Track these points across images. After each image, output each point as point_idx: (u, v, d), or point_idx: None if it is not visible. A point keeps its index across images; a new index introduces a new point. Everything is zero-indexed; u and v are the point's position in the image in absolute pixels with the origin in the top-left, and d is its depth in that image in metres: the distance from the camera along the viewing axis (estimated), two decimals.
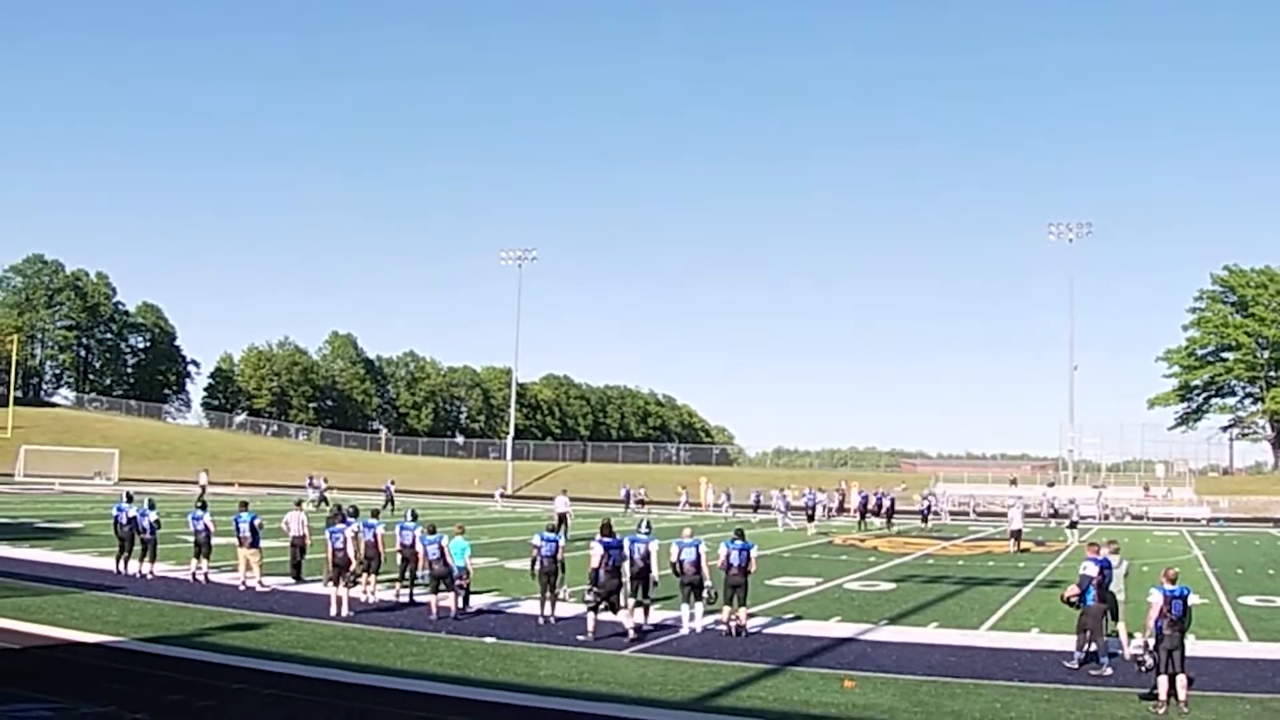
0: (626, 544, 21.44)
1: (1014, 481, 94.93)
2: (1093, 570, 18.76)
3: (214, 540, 27.77)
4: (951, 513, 76.97)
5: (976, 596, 28.72)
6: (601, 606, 20.88)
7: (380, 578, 25.36)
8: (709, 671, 17.71)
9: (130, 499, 29.62)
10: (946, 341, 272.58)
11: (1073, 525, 55.31)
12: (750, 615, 22.02)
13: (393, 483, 71.47)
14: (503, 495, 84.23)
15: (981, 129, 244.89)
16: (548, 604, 22.68)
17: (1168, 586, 15.71)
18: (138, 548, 28.22)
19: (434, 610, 22.94)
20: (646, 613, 21.66)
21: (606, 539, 21.02)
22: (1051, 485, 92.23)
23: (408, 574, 25.20)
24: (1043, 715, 14.89)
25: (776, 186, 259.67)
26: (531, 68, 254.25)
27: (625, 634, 20.62)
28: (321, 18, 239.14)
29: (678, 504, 78.70)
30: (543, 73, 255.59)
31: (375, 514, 26.94)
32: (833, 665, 18.40)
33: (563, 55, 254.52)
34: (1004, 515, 53.23)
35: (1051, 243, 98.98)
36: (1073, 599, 19.09)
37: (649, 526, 22.25)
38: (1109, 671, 18.01)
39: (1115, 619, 19.37)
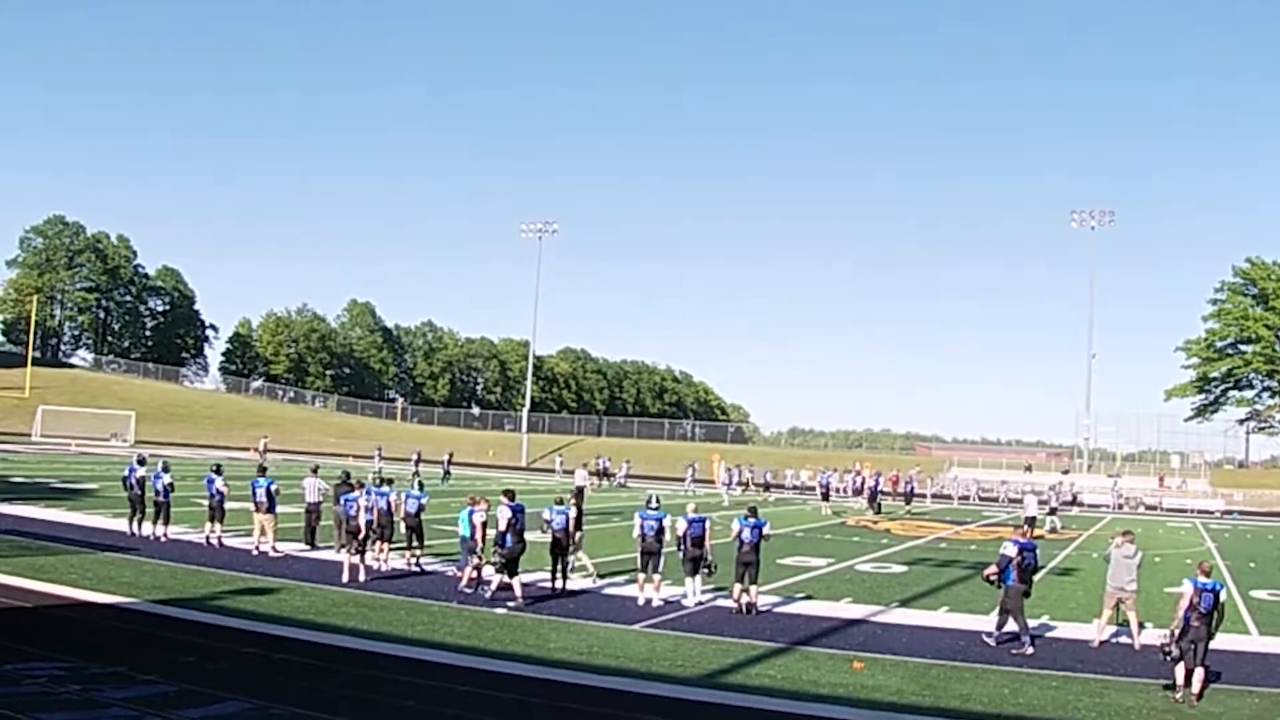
0: (636, 519, 21.75)
1: (1029, 468, 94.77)
2: (1012, 551, 19.37)
3: (228, 505, 27.87)
4: (962, 498, 77.18)
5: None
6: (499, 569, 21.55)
7: (392, 546, 25.44)
8: (718, 648, 17.76)
9: (142, 461, 29.66)
10: (965, 326, 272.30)
11: (1052, 511, 55.31)
12: (761, 593, 22.04)
13: (420, 454, 71.88)
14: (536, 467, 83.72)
15: (1004, 116, 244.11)
16: (558, 577, 22.83)
17: (1201, 579, 15.73)
18: (150, 510, 28.32)
19: (464, 579, 23.01)
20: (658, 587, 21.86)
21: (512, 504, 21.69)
22: (1065, 473, 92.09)
23: (414, 542, 25.35)
24: (1051, 702, 14.92)
25: (797, 167, 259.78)
26: (554, 36, 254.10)
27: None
28: None
29: (683, 480, 78.09)
30: (565, 41, 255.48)
31: (388, 481, 26.90)
32: (842, 646, 18.44)
33: (584, 24, 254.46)
34: (1018, 502, 53.18)
35: (1073, 230, 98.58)
36: (991, 578, 19.52)
37: (658, 502, 22.36)
38: (1030, 651, 18.34)
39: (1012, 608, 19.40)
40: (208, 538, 27.29)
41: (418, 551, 25.30)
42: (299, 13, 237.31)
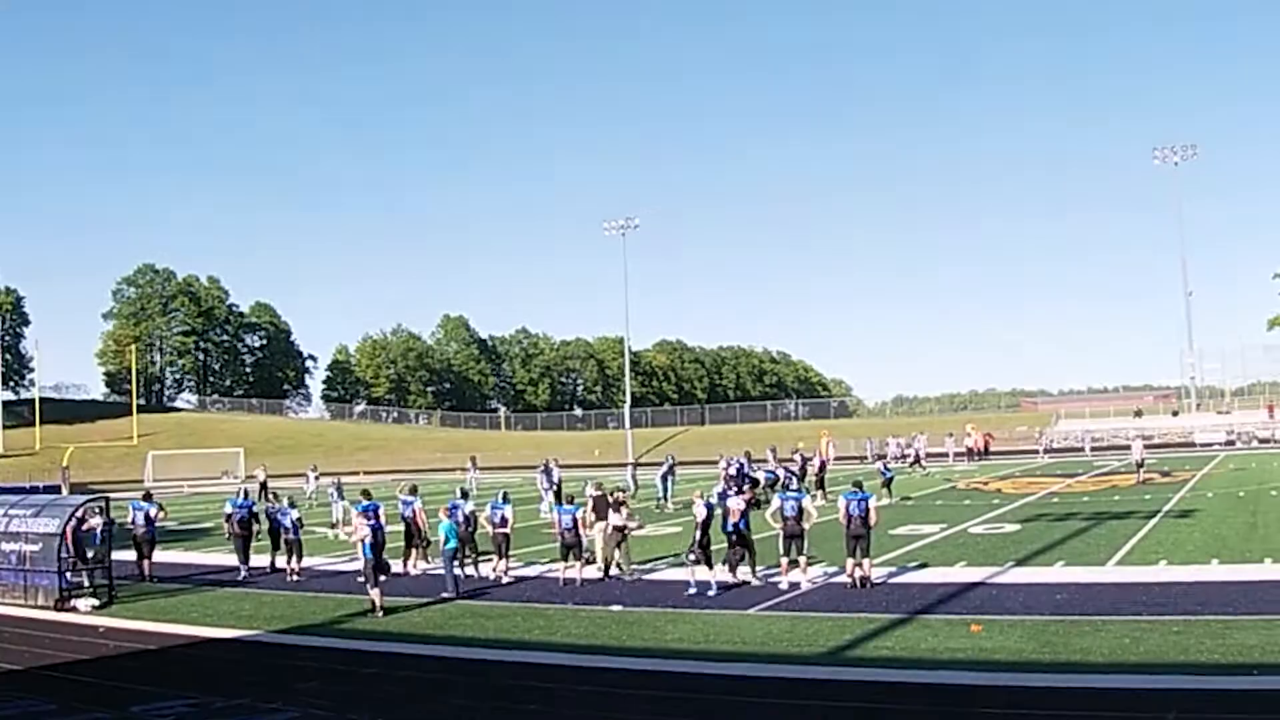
0: (776, 500, 21.95)
1: (1138, 413, 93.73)
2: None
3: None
4: (1054, 450, 76.64)
5: (1103, 532, 28.45)
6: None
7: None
8: (835, 625, 17.74)
9: (245, 494, 30.08)
10: (1060, 277, 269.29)
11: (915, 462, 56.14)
12: (874, 565, 21.99)
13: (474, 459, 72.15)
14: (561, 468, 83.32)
15: (1078, 60, 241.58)
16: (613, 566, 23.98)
17: None
18: (268, 542, 28.61)
19: (562, 579, 23.28)
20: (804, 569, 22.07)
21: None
22: (1175, 414, 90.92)
23: (467, 550, 25.43)
24: (1173, 648, 14.74)
25: (878, 130, 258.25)
26: (614, 35, 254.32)
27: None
28: None
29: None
30: (630, 37, 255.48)
31: (413, 490, 27.83)
32: (959, 611, 18.37)
33: (644, 21, 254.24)
34: (1126, 449, 52.67)
35: (1156, 167, 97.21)
36: None
37: (797, 481, 22.44)
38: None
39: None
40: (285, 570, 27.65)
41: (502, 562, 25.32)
42: (374, 31, 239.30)
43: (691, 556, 21.94)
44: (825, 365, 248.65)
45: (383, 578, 21.88)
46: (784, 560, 21.88)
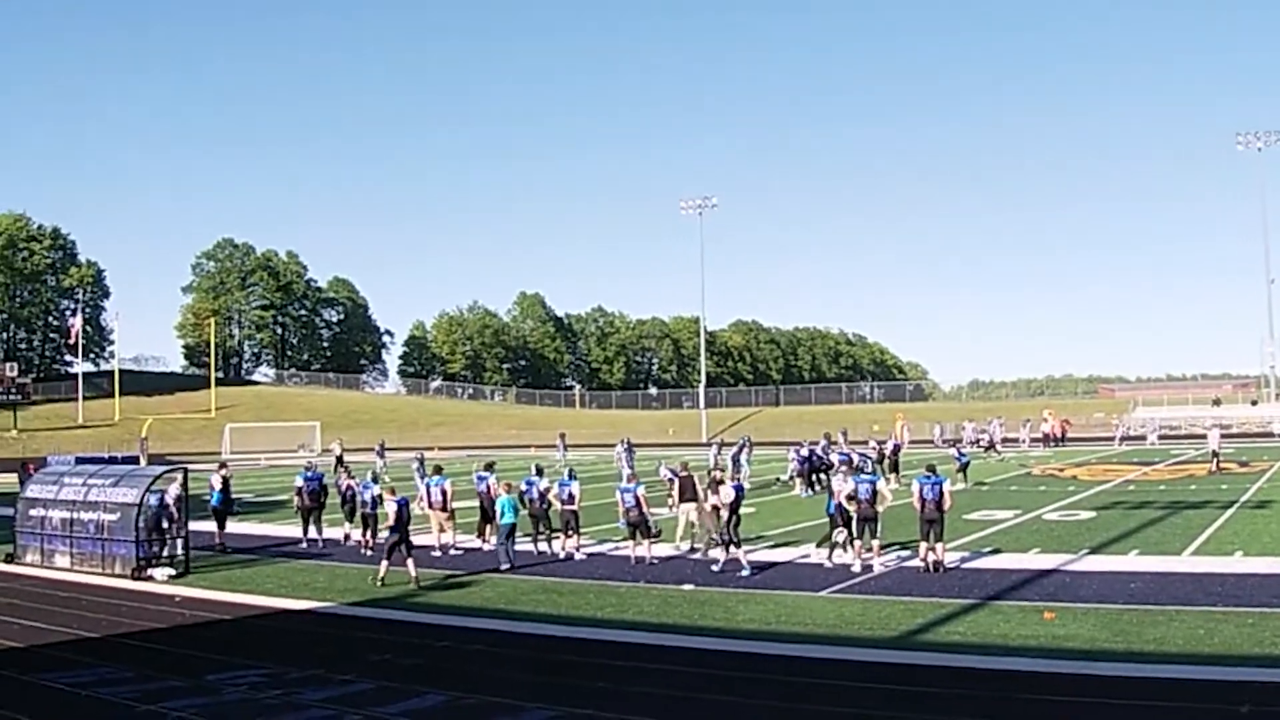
0: (851, 484, 21.92)
1: (1217, 401, 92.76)
2: None
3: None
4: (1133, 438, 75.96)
5: (1179, 521, 28.23)
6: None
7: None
8: (906, 609, 17.74)
9: (310, 467, 30.50)
10: (1140, 263, 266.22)
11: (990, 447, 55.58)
12: (947, 550, 21.96)
13: (563, 435, 72.52)
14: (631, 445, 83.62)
15: (1159, 44, 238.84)
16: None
17: None
18: (341, 514, 28.98)
19: (633, 558, 23.49)
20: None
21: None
22: (1254, 404, 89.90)
23: (542, 527, 25.71)
24: (1247, 640, 14.63)
25: (955, 110, 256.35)
26: (691, 11, 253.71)
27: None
28: None
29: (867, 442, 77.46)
30: (707, 14, 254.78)
31: (489, 467, 27.82)
32: (1032, 598, 18.31)
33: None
34: (1201, 437, 52.28)
35: (1240, 153, 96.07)
36: None
37: (873, 466, 22.41)
38: None
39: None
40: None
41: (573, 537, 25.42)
42: (458, 8, 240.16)
43: (716, 537, 22.84)
44: (901, 348, 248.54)
45: (397, 554, 22.36)
46: (857, 543, 21.88)
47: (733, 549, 22.40)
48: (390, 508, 22.73)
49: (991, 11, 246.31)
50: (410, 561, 22.19)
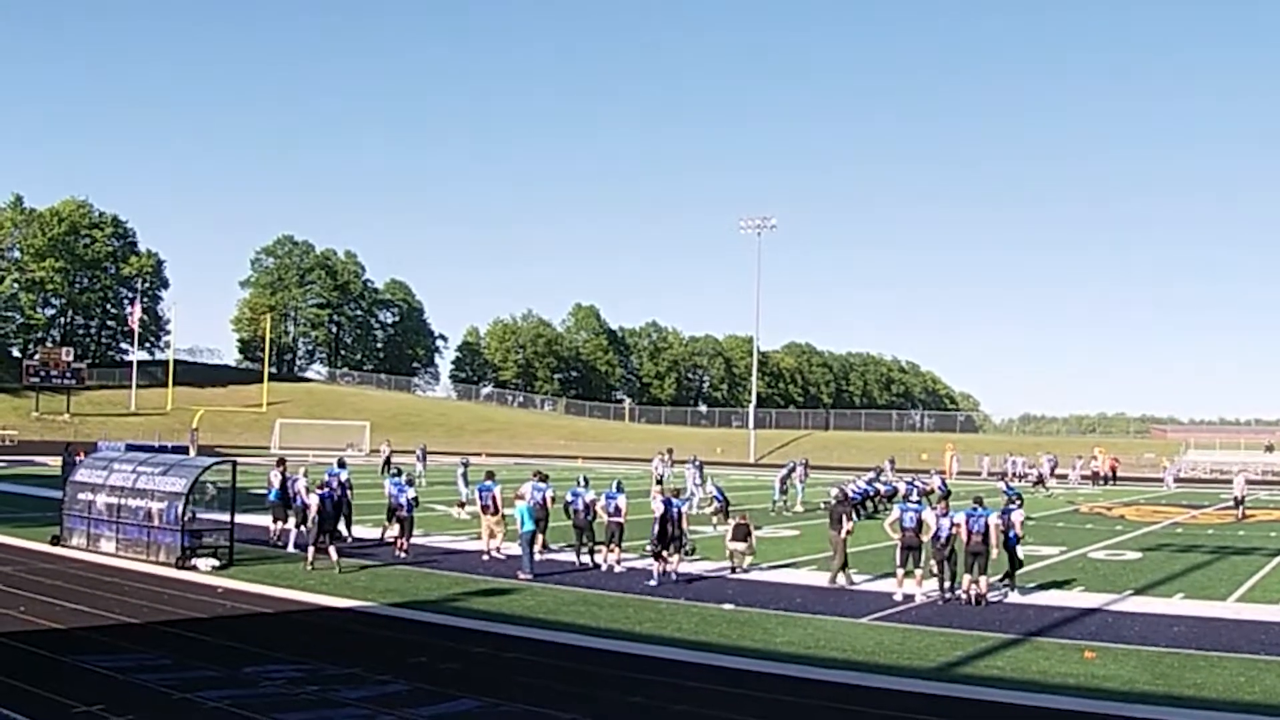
0: (897, 512, 21.91)
1: (1270, 447, 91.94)
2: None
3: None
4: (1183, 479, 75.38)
5: (1225, 566, 28.00)
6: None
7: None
8: (946, 640, 17.66)
9: (343, 464, 30.53)
10: (1197, 304, 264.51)
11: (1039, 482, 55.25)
12: (990, 584, 21.85)
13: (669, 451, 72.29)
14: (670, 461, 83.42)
15: (1218, 82, 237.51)
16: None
17: None
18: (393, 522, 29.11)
19: (655, 574, 23.62)
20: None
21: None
22: (1270, 449, 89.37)
23: (585, 538, 25.78)
24: None
25: (1016, 146, 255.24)
26: (760, 30, 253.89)
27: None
28: None
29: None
30: (774, 35, 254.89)
31: (544, 477, 27.35)
32: (1074, 636, 18.18)
33: (796, 14, 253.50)
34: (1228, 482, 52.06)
35: None
36: None
37: (918, 495, 22.32)
38: None
39: None
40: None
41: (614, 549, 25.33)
42: (512, 20, 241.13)
43: (650, 549, 23.64)
44: (954, 378, 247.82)
45: (324, 540, 24.22)
46: (899, 571, 21.78)
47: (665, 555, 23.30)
48: (313, 500, 24.44)
49: (1072, 40, 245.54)
50: (332, 550, 24.30)
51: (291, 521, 28.85)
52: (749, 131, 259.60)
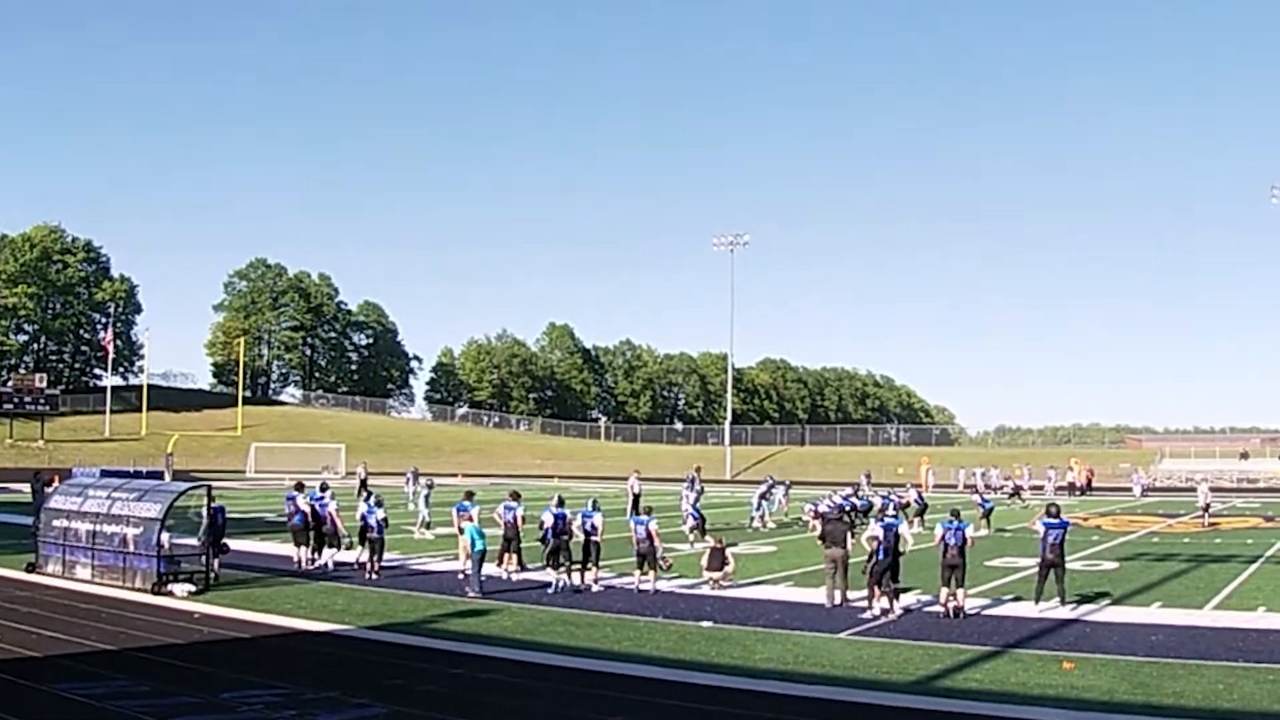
0: (876, 528, 21.90)
1: (1244, 455, 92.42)
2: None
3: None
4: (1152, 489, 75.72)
5: (1202, 575, 28.08)
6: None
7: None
8: (925, 654, 17.65)
9: (301, 487, 30.30)
10: (1171, 314, 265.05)
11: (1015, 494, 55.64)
12: (968, 596, 21.86)
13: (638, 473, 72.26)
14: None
15: (1196, 96, 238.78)
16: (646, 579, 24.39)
17: None
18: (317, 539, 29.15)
19: (637, 588, 24.00)
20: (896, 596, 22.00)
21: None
22: (1244, 457, 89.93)
23: (561, 558, 25.46)
24: (1268, 696, 14.53)
25: (990, 159, 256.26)
26: (728, 45, 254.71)
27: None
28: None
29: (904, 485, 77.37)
30: (745, 50, 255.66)
31: (516, 496, 27.19)
32: (1052, 647, 18.19)
33: (768, 31, 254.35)
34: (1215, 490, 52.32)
35: (1275, 206, 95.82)
36: None
37: (956, 516, 22.23)
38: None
39: None
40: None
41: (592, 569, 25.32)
42: (491, 38, 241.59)
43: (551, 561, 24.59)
44: (929, 392, 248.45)
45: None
46: (877, 587, 21.79)
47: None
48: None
49: (1021, 53, 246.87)
50: (216, 560, 25.52)
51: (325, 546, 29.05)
52: (722, 148, 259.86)
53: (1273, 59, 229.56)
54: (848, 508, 38.97)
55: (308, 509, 28.94)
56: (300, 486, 30.28)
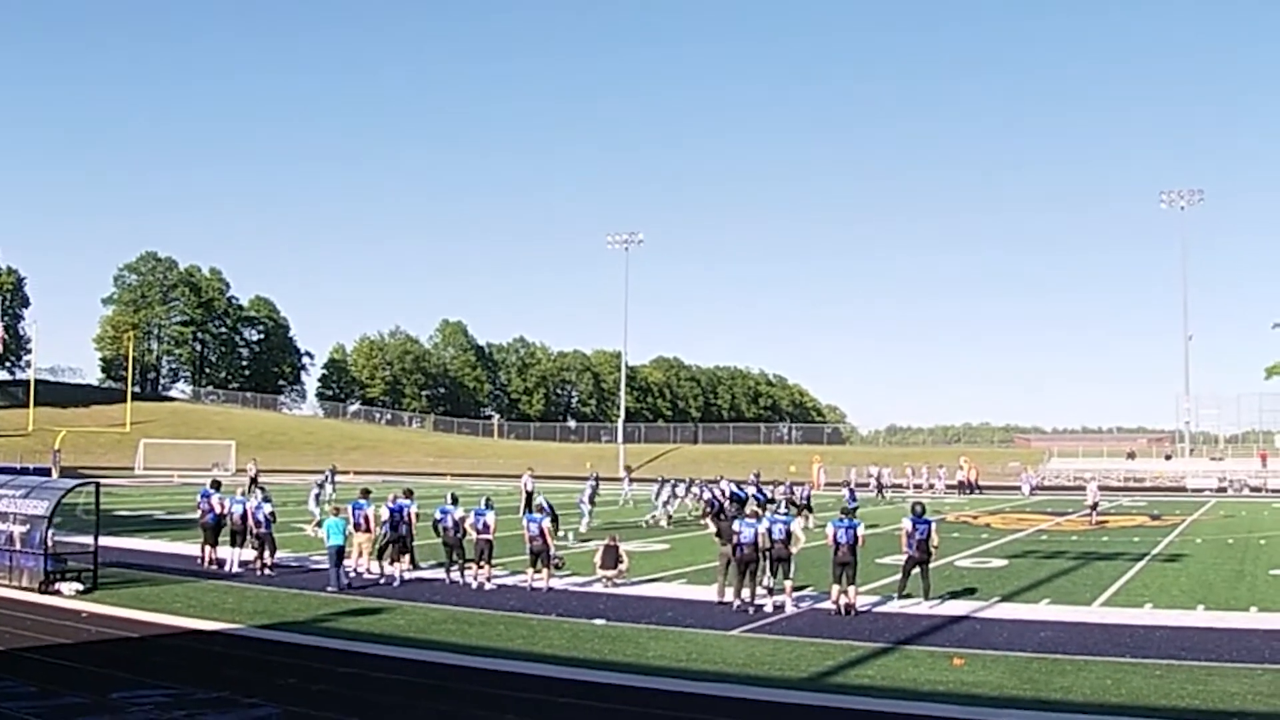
0: (767, 523, 21.91)
1: (1131, 455, 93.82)
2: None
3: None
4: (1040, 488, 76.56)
5: (1090, 572, 28.43)
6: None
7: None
8: (817, 651, 17.73)
9: (217, 486, 29.99)
10: (1060, 315, 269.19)
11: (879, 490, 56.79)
12: (859, 594, 21.96)
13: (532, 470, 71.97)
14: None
15: (1088, 100, 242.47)
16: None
17: None
18: (229, 536, 28.60)
19: (530, 586, 24.22)
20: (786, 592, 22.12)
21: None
22: (1168, 458, 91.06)
23: (455, 556, 25.66)
24: (1154, 691, 14.73)
25: (881, 161, 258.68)
26: (625, 47, 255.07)
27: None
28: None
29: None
30: (638, 49, 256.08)
31: (408, 494, 27.23)
32: (942, 643, 18.35)
33: (659, 31, 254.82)
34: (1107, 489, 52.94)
35: (1163, 211, 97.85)
36: None
37: (785, 507, 22.35)
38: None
39: None
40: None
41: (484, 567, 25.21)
42: (382, 35, 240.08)
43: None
44: (821, 391, 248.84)
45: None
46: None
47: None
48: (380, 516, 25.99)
49: (912, 55, 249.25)
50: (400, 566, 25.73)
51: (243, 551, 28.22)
52: (615, 148, 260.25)
53: (1161, 66, 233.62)
54: (744, 496, 38.90)
55: (220, 508, 28.44)
56: (217, 485, 29.81)
